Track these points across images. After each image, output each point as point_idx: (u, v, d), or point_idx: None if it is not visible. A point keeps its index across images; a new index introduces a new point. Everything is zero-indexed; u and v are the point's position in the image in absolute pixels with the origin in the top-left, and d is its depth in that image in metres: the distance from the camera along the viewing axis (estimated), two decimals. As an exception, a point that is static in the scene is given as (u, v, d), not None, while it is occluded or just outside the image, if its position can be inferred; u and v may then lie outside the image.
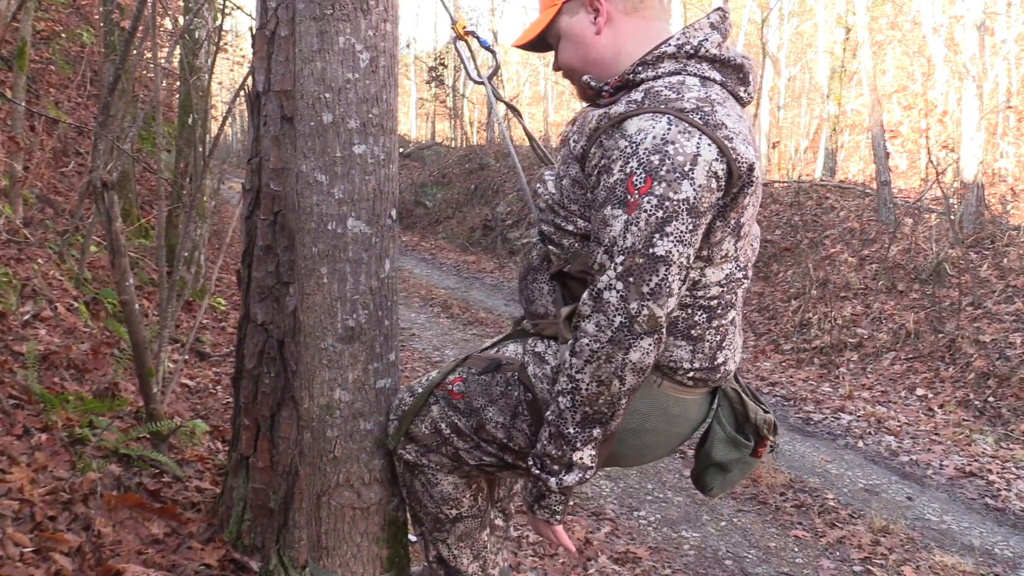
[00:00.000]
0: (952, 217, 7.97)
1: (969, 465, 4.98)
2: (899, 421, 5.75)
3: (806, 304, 7.91)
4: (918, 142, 15.75)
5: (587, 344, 1.44)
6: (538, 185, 1.69)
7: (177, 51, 6.73)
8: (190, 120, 6.50)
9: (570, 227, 1.58)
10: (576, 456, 1.50)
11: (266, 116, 2.50)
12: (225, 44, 12.20)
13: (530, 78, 28.93)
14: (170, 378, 3.98)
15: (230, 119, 25.16)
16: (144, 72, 7.38)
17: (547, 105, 24.87)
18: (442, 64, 20.92)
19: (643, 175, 1.39)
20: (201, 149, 4.78)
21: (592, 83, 1.60)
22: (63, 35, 8.77)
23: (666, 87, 1.48)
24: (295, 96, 1.63)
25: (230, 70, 23.50)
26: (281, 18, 2.32)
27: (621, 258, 1.41)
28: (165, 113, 9.36)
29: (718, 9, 1.60)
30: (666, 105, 1.44)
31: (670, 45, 1.51)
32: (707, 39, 1.51)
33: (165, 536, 2.59)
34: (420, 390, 1.70)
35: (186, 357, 5.04)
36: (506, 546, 2.04)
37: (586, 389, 1.45)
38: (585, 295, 1.46)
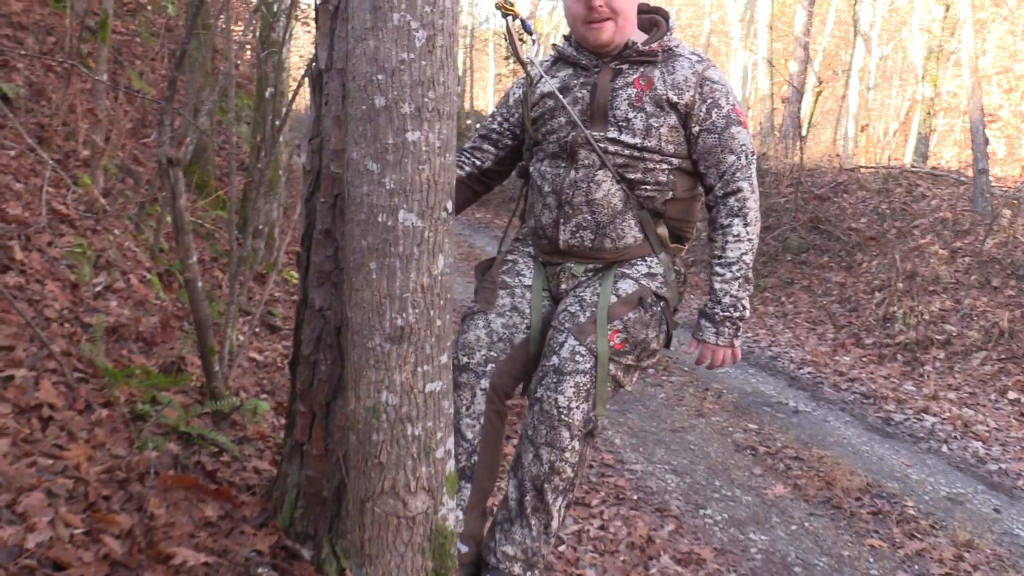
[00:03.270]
0: (1055, 209, 7.48)
1: (1065, 478, 4.66)
2: (988, 426, 5.43)
3: (891, 297, 7.55)
4: (1020, 127, 14.92)
5: (754, 213, 2.17)
6: (602, 146, 2.16)
7: (256, 24, 6.75)
8: (267, 93, 6.52)
9: (665, 166, 2.18)
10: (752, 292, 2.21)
11: (328, 95, 2.41)
12: (306, 18, 12.26)
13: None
14: (238, 352, 3.98)
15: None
16: (229, 44, 7.43)
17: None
18: (521, 40, 20.70)
19: (736, 105, 2.19)
20: (272, 122, 4.76)
21: (640, 46, 2.18)
22: (148, 7, 8.92)
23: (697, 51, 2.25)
24: (347, 77, 1.53)
25: (312, 43, 23.76)
26: (345, -9, 2.23)
27: (752, 156, 2.19)
28: (245, 85, 9.46)
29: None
30: (712, 61, 2.25)
31: (673, 30, 2.26)
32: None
33: (219, 519, 2.56)
34: (589, 366, 2.06)
35: (256, 330, 5.07)
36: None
37: (756, 241, 2.20)
38: (744, 184, 2.16)
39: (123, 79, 7.24)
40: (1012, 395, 5.94)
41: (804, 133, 11.24)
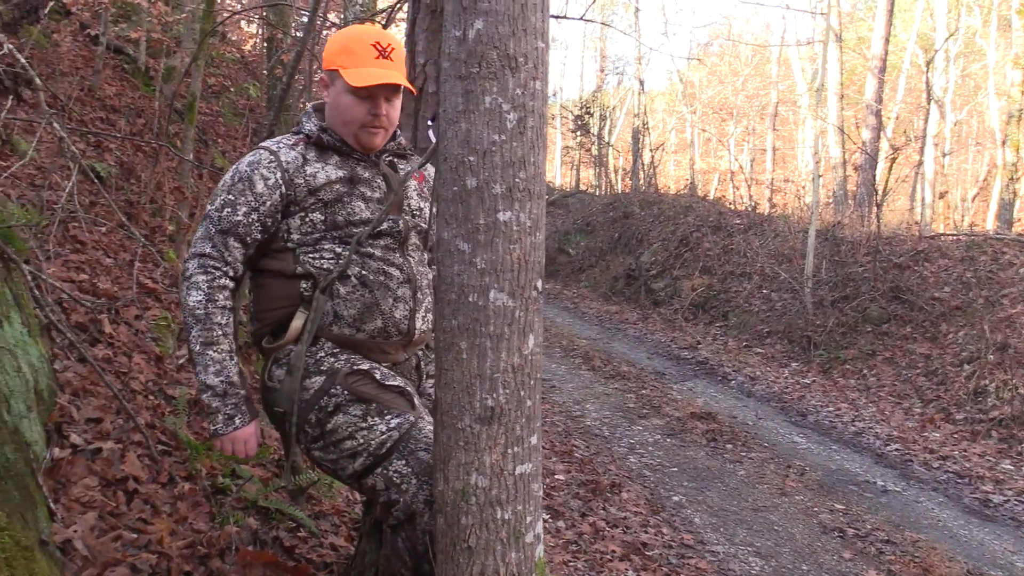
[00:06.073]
0: None
1: None
2: (1097, 509, 5.09)
3: (982, 370, 7.22)
4: (1109, 192, 14.34)
5: None
6: (424, 227, 2.28)
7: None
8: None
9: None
10: None
11: (411, 173, 2.46)
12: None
13: (676, 125, 28.63)
14: (314, 425, 3.98)
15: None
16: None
17: (693, 152, 24.49)
18: (588, 113, 21.01)
19: None
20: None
21: (402, 141, 2.29)
22: (232, 89, 9.34)
23: None
24: (439, 159, 1.54)
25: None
26: (429, 74, 2.28)
27: None
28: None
29: None
30: None
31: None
32: None
33: (296, 598, 2.53)
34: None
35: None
36: None
37: None
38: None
39: (207, 158, 7.55)
40: (1121, 476, 5.56)
41: (880, 201, 11.01)
